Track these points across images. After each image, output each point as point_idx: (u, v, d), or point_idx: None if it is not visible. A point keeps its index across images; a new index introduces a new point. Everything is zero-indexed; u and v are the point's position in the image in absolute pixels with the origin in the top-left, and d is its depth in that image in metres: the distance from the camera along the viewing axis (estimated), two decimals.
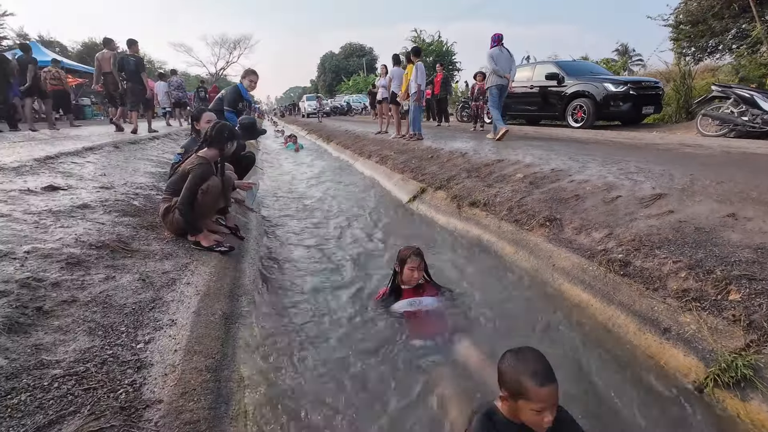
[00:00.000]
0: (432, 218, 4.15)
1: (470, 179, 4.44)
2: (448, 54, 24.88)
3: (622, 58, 16.04)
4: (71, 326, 1.59)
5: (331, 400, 1.65)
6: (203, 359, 1.59)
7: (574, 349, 1.95)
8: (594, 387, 1.70)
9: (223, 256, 2.63)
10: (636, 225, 2.58)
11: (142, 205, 3.20)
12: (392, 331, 2.13)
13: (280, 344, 2.03)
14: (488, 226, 3.44)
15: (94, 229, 2.50)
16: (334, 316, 2.35)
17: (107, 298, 1.84)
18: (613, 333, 2.01)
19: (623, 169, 3.67)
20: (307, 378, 1.78)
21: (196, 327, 1.76)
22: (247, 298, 2.31)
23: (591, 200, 3.12)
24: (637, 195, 2.95)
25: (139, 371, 1.41)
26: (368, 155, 7.53)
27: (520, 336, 2.11)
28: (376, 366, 1.88)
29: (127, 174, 4.15)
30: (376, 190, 5.75)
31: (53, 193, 2.97)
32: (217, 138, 2.69)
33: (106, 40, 8.00)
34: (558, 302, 2.37)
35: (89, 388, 1.28)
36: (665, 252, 2.21)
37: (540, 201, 3.38)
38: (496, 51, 6.57)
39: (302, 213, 4.74)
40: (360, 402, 1.64)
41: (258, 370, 1.75)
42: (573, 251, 2.61)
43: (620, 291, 2.15)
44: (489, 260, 3.06)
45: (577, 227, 2.84)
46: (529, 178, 3.92)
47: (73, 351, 1.44)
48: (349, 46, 48.18)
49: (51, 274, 1.89)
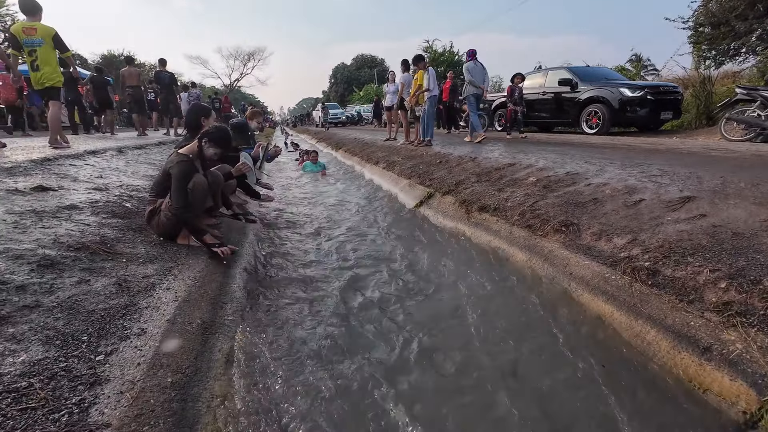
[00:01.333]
0: (438, 223, 3.93)
1: (480, 184, 4.22)
2: (459, 64, 24.84)
3: (636, 66, 15.63)
4: (27, 334, 1.42)
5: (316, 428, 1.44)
6: (170, 374, 1.39)
7: (597, 370, 1.71)
8: (622, 415, 1.46)
9: (211, 260, 2.46)
10: (663, 230, 2.33)
11: (135, 207, 3.07)
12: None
13: (265, 359, 1.82)
14: (498, 232, 3.21)
15: (77, 231, 2.36)
16: (330, 329, 2.14)
17: (75, 304, 1.67)
18: (642, 351, 1.76)
19: (645, 172, 3.41)
20: (293, 403, 1.57)
21: (168, 337, 1.58)
22: (233, 306, 2.12)
23: (611, 204, 2.87)
24: (662, 198, 2.69)
25: (91, 388, 1.23)
26: (375, 161, 7.37)
27: (535, 353, 1.87)
28: (379, 397, 1.66)
29: (125, 176, 4.05)
30: (381, 196, 5.56)
31: (42, 193, 2.86)
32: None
33: (129, 58, 9.54)
34: (576, 314, 2.12)
35: (26, 408, 1.10)
36: (699, 259, 1.95)
37: (555, 205, 3.14)
38: (471, 64, 7.43)
39: (302, 218, 4.57)
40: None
41: (235, 389, 1.55)
42: (592, 258, 2.37)
43: (649, 303, 1.89)
44: (498, 267, 2.83)
45: (597, 233, 2.59)
46: (542, 182, 3.69)
47: (21, 363, 1.27)
48: (361, 58, 48.71)
49: (18, 276, 1.74)
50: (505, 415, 1.51)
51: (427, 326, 2.16)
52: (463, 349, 1.94)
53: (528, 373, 1.75)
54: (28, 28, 4.78)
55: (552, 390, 1.64)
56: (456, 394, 1.63)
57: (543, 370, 1.77)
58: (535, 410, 1.52)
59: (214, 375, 1.54)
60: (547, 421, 1.47)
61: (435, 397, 1.62)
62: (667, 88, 8.36)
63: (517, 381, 1.70)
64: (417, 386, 1.69)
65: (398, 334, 2.08)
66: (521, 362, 1.83)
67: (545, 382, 1.68)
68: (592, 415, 1.49)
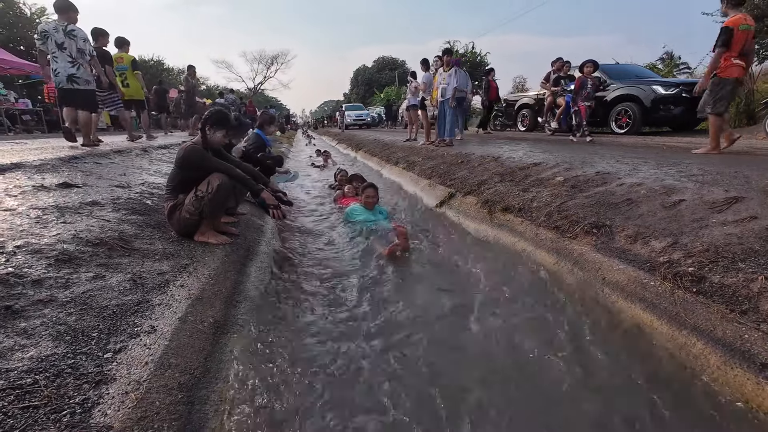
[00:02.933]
0: (460, 224, 3.80)
1: (503, 184, 4.06)
2: (481, 64, 24.48)
3: (668, 64, 14.86)
4: (38, 329, 1.39)
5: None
6: (178, 375, 1.34)
7: (640, 386, 1.55)
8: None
9: (227, 258, 2.42)
10: (708, 233, 2.13)
11: (155, 204, 3.08)
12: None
13: (279, 362, 1.76)
14: (523, 234, 3.05)
15: (97, 226, 2.37)
16: (346, 331, 2.06)
17: (89, 299, 1.65)
18: (687, 364, 1.59)
19: (684, 172, 3.18)
20: (307, 411, 1.49)
21: (178, 336, 1.53)
22: (247, 305, 2.07)
23: (647, 205, 2.67)
24: (705, 199, 2.48)
25: (96, 387, 1.18)
26: (395, 162, 7.28)
27: (570, 363, 1.73)
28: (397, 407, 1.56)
29: (147, 174, 4.11)
30: (401, 196, 5.47)
31: (66, 190, 2.91)
32: (204, 121, 2.59)
33: (191, 67, 10.21)
34: (611, 323, 1.96)
35: (28, 407, 1.05)
36: (752, 265, 1.76)
37: (584, 206, 2.96)
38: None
39: (318, 216, 4.52)
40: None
41: (246, 392, 1.48)
42: (628, 263, 2.20)
43: (694, 313, 1.72)
44: (524, 271, 2.68)
45: (631, 235, 2.41)
46: (570, 182, 3.50)
47: (29, 359, 1.24)
48: (382, 60, 48.80)
49: (35, 270, 1.74)
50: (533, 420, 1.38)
51: (446, 337, 2.05)
52: (481, 356, 1.82)
53: (568, 385, 1.61)
54: (118, 57, 6.83)
55: (596, 403, 1.49)
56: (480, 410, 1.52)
57: (585, 382, 1.62)
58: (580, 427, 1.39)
59: (224, 377, 1.48)
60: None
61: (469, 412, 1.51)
62: None
63: (555, 390, 1.57)
64: (449, 392, 1.58)
65: (422, 348, 1.98)
66: (556, 370, 1.69)
67: (589, 397, 1.53)
68: (635, 408, 1.35)
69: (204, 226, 2.59)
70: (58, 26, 4.70)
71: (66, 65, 4.77)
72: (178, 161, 2.50)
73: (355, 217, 3.84)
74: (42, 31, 4.69)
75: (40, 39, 4.67)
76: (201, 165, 2.48)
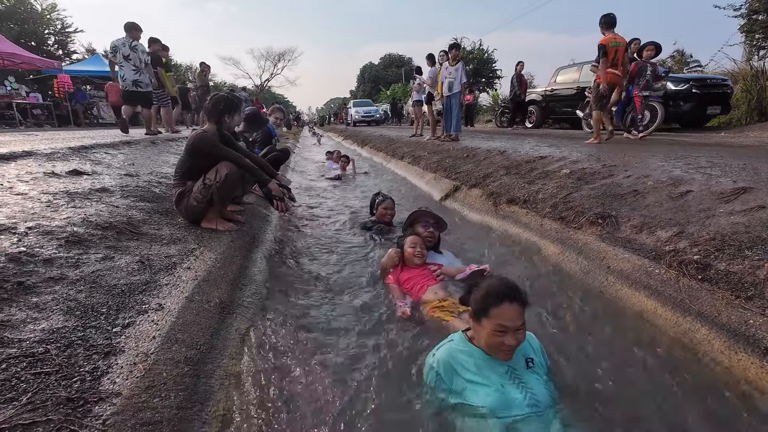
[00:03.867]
0: (465, 216, 3.80)
1: (508, 176, 4.05)
2: (489, 61, 24.34)
3: (678, 61, 14.63)
4: (49, 304, 1.43)
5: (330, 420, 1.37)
6: (184, 349, 1.37)
7: (647, 371, 1.55)
8: (678, 413, 1.31)
9: (233, 244, 2.45)
10: (715, 222, 2.12)
11: (162, 192, 3.12)
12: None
13: (283, 341, 1.78)
14: (528, 225, 3.05)
15: (106, 211, 2.41)
16: (348, 317, 2.08)
17: (98, 278, 1.68)
18: (692, 349, 1.59)
19: (692, 164, 3.15)
20: (307, 388, 1.51)
21: (185, 313, 1.56)
22: (252, 289, 2.10)
23: (653, 196, 2.66)
24: (713, 190, 2.46)
25: (105, 358, 1.21)
26: (401, 156, 7.28)
27: (578, 347, 1.73)
28: (396, 393, 1.58)
29: (155, 164, 4.16)
30: (407, 189, 5.47)
31: (76, 177, 2.95)
32: (213, 110, 2.59)
33: (205, 64, 10.66)
34: (616, 310, 1.96)
35: (40, 373, 1.08)
36: (759, 253, 1.75)
37: (590, 197, 2.95)
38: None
39: (323, 210, 4.55)
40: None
41: (250, 369, 1.50)
42: (632, 252, 2.19)
43: (699, 299, 1.71)
44: (528, 259, 2.68)
45: (637, 225, 2.40)
46: (576, 174, 3.48)
47: (41, 330, 1.27)
48: (388, 57, 48.72)
49: (46, 250, 1.77)
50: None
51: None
52: None
53: (577, 362, 1.62)
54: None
55: (605, 383, 1.50)
56: None
57: (586, 364, 1.63)
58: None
59: (230, 354, 1.50)
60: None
61: None
62: (714, 82, 7.81)
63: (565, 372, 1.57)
64: None
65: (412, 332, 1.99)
66: (564, 350, 1.69)
67: (600, 376, 1.54)
68: (642, 393, 1.35)
69: (211, 213, 2.62)
70: (125, 42, 6.08)
71: (131, 73, 6.18)
72: (188, 148, 2.53)
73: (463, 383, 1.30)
74: (113, 46, 6.13)
75: (112, 52, 6.19)
76: (211, 153, 2.51)
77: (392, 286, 2.29)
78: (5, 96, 12.13)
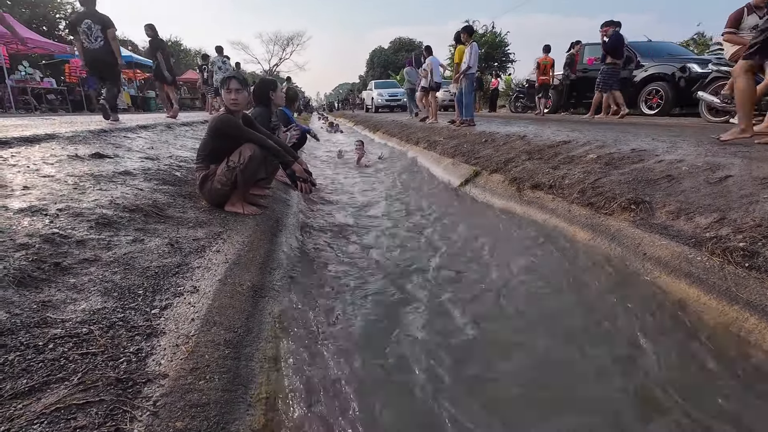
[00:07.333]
0: (487, 202, 3.73)
1: (531, 161, 3.95)
2: (501, 45, 23.71)
3: (700, 43, 14.11)
4: (87, 285, 1.42)
5: (364, 405, 1.35)
6: (223, 332, 1.35)
7: (693, 355, 1.51)
8: (730, 404, 1.26)
9: (258, 227, 2.43)
10: (760, 208, 2.03)
11: (183, 176, 3.11)
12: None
13: (316, 325, 1.77)
14: (555, 210, 2.97)
15: (131, 194, 2.40)
16: (379, 301, 2.06)
17: (131, 260, 1.67)
18: (740, 338, 1.53)
19: (728, 149, 3.03)
20: (345, 370, 1.50)
21: (220, 296, 1.54)
22: (281, 272, 2.08)
23: (689, 181, 2.56)
24: (754, 174, 2.36)
25: (148, 339, 1.20)
26: (416, 141, 7.17)
27: (621, 331, 1.69)
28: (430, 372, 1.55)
29: (174, 149, 4.14)
30: (423, 175, 5.40)
31: (99, 160, 2.95)
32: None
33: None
34: (655, 297, 1.90)
35: (87, 353, 1.08)
36: None
37: (620, 183, 2.86)
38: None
39: (343, 195, 4.51)
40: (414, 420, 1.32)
41: (289, 353, 1.49)
42: (670, 238, 2.11)
43: (746, 287, 1.64)
44: (557, 247, 2.62)
45: (674, 211, 2.32)
46: (604, 159, 3.38)
47: (81, 311, 1.26)
48: (398, 41, 47.72)
49: (78, 232, 1.77)
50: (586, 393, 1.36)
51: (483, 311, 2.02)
52: (525, 331, 1.80)
53: (623, 350, 1.58)
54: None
55: (660, 375, 1.46)
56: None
57: (639, 351, 1.59)
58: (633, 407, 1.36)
59: (266, 337, 1.49)
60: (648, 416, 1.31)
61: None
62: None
63: (608, 366, 1.54)
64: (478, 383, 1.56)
65: (452, 320, 1.96)
66: (608, 341, 1.65)
67: (655, 369, 1.50)
68: (692, 383, 1.31)
69: (234, 196, 2.60)
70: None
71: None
72: (211, 130, 2.50)
73: None
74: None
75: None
76: (234, 134, 2.47)
77: None
78: (21, 81, 12.20)
